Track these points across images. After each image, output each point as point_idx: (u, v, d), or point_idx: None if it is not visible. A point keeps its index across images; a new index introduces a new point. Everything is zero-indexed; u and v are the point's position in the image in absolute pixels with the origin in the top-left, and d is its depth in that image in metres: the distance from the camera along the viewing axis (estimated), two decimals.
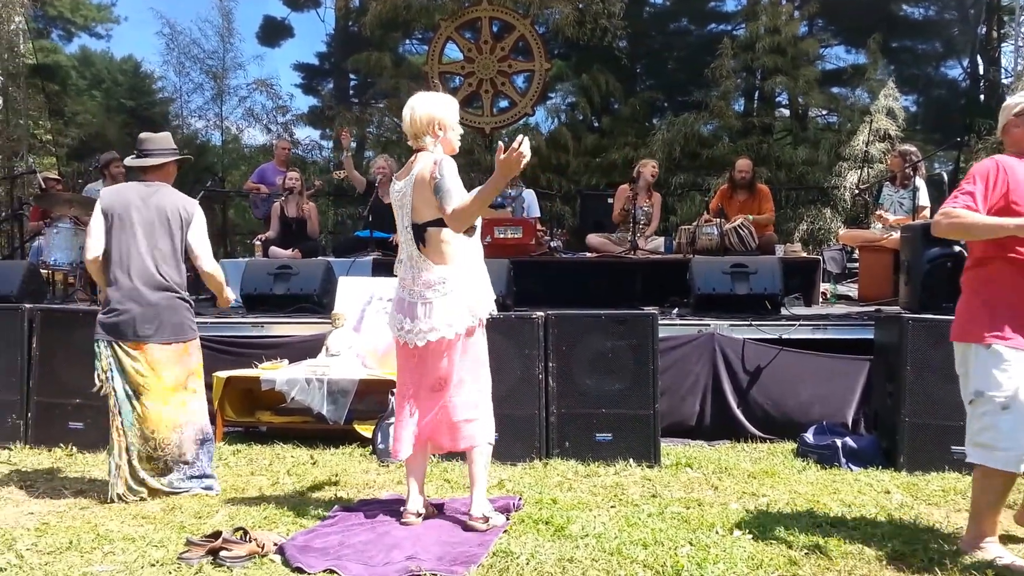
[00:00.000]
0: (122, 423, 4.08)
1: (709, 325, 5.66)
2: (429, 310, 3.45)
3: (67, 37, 16.94)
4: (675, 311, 6.27)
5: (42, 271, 7.38)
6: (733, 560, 3.11)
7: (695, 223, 7.40)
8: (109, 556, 3.15)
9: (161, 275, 4.13)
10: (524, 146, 3.19)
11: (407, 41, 15.08)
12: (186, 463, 4.15)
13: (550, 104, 12.49)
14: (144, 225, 4.14)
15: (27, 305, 5.45)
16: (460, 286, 3.49)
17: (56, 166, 12.83)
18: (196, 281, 4.71)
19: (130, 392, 4.08)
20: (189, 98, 13.38)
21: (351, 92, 15.68)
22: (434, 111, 3.55)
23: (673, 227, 9.79)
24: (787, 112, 13.84)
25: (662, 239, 7.84)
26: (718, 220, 7.28)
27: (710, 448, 5.21)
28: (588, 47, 11.97)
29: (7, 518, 3.72)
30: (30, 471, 4.63)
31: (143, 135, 4.44)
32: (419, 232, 3.49)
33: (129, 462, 4.08)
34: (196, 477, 4.17)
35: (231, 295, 4.56)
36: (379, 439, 5.07)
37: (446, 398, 3.55)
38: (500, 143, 3.60)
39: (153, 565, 3.05)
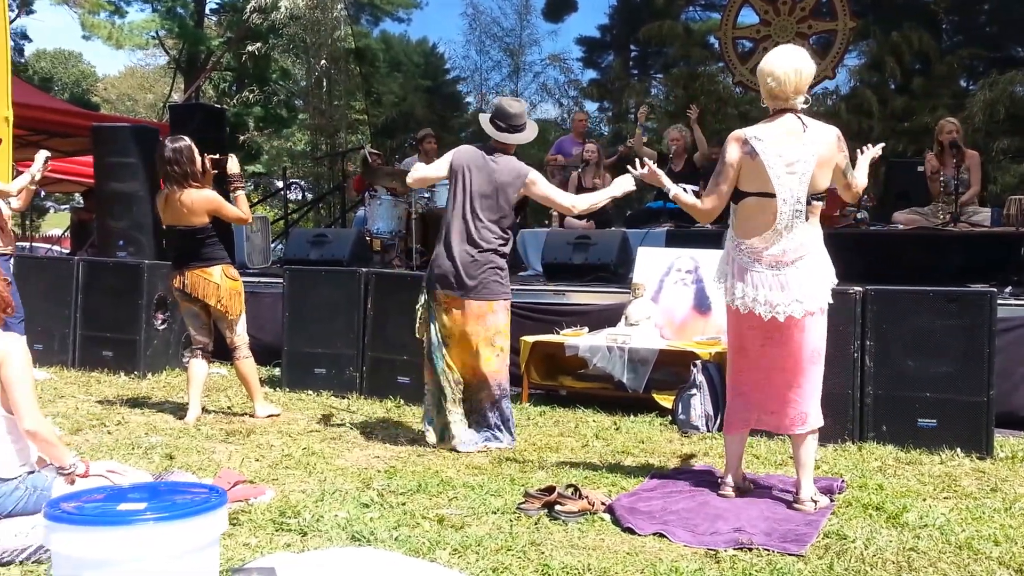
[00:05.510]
0: (434, 369, 4.46)
1: None
2: (798, 281, 3.35)
3: (374, 22, 18.41)
4: (1008, 289, 5.68)
5: (365, 238, 8.16)
6: None
7: None
8: (454, 501, 3.44)
9: (479, 237, 4.38)
10: None
11: (689, 8, 14.75)
12: (485, 414, 4.43)
13: (852, 65, 11.60)
14: (476, 188, 4.41)
15: (363, 269, 6.06)
16: (824, 258, 3.42)
17: (369, 143, 14.11)
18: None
19: (440, 341, 4.43)
20: (488, 75, 14.09)
21: (630, 64, 15.65)
22: (814, 69, 3.45)
23: (993, 197, 8.83)
24: None
25: (988, 211, 7.06)
26: None
27: None
28: (896, 2, 10.98)
29: (359, 460, 4.18)
30: (367, 419, 5.16)
31: (507, 106, 4.54)
32: (807, 203, 3.36)
33: (437, 407, 4.44)
34: (489, 430, 4.43)
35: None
36: (680, 410, 5.08)
37: (795, 375, 3.45)
38: None
39: (495, 512, 3.29)
